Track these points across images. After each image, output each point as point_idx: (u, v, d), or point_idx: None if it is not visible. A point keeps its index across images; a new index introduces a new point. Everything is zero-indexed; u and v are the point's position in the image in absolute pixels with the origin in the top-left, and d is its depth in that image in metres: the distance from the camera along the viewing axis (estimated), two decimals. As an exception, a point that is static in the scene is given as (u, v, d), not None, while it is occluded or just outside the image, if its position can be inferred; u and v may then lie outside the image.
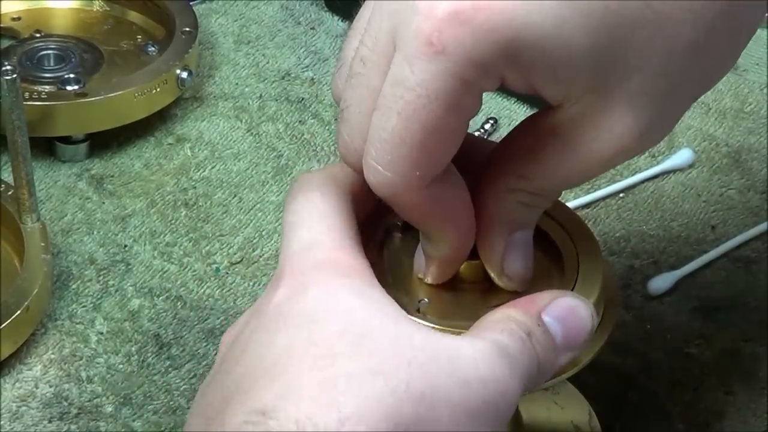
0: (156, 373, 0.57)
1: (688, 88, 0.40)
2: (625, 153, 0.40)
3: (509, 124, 0.72)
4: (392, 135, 0.39)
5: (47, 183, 0.67)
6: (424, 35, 0.37)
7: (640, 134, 0.40)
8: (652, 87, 0.39)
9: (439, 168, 0.40)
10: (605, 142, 0.40)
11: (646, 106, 0.39)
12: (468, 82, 0.38)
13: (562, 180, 0.42)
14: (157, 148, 0.70)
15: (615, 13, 0.38)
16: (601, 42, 0.38)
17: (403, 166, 0.39)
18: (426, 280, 0.44)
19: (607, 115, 0.39)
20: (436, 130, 0.38)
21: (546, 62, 0.38)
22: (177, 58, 0.71)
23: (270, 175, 0.69)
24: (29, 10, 0.78)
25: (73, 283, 0.61)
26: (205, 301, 0.61)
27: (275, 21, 0.81)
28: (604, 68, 0.38)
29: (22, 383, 0.56)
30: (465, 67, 0.37)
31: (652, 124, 0.40)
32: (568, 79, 0.39)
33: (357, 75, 0.40)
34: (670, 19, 0.38)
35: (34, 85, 0.69)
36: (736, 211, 0.67)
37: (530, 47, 0.37)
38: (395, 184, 0.39)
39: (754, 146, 0.72)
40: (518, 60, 0.38)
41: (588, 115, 0.39)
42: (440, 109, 0.38)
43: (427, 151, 0.39)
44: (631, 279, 0.62)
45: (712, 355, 0.59)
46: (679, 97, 0.40)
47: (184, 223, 0.65)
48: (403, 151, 0.39)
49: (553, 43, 0.38)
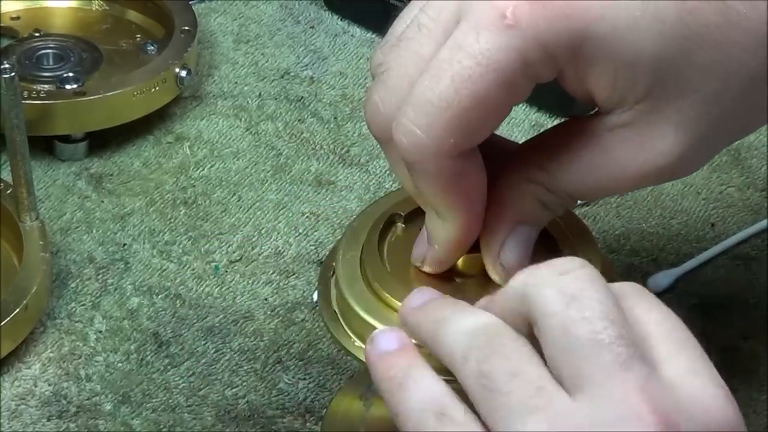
0: (155, 371, 0.57)
1: (734, 123, 0.40)
2: (658, 174, 0.40)
3: (509, 122, 0.72)
4: (439, 98, 0.39)
5: (46, 182, 0.67)
6: (500, 7, 0.38)
7: (680, 156, 0.39)
8: (704, 111, 0.39)
9: (472, 142, 0.40)
10: (644, 157, 0.40)
11: (693, 130, 0.39)
12: (529, 63, 0.38)
13: (586, 186, 0.41)
14: (156, 146, 0.70)
15: (685, 25, 0.37)
16: (667, 52, 0.38)
17: (440, 131, 0.39)
18: (423, 268, 0.45)
19: (654, 130, 0.39)
20: (483, 102, 0.39)
21: (610, 61, 0.38)
22: (176, 57, 0.71)
23: (269, 174, 0.69)
24: (28, 10, 0.78)
25: (72, 281, 0.61)
26: (204, 300, 0.61)
27: (274, 20, 0.81)
28: (664, 80, 0.38)
29: (20, 382, 0.56)
30: (532, 46, 0.38)
31: (693, 150, 0.40)
32: (626, 84, 0.39)
33: (407, 39, 0.40)
34: (738, 45, 0.38)
35: (33, 84, 0.69)
36: (735, 209, 0.67)
37: (599, 42, 0.38)
38: (427, 147, 0.39)
39: (754, 144, 0.71)
40: (584, 53, 0.38)
41: (636, 127, 0.39)
42: (495, 82, 0.38)
43: (467, 121, 0.39)
44: (631, 276, 0.62)
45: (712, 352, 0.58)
46: (723, 130, 0.40)
47: (183, 221, 0.65)
48: (446, 115, 0.39)
49: (622, 42, 0.38)
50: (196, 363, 0.57)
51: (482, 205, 0.42)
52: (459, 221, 0.42)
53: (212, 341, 0.58)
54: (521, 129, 0.72)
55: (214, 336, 0.58)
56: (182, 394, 0.56)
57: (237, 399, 0.56)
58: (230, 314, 0.60)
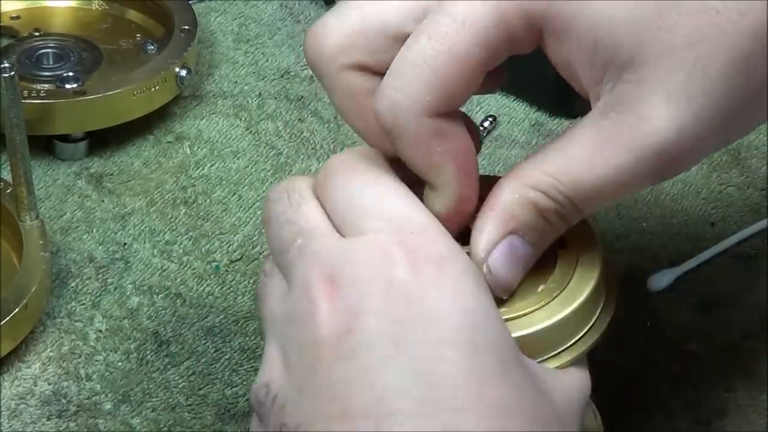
0: (155, 370, 0.57)
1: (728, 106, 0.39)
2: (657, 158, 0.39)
3: (509, 121, 0.72)
4: (416, 55, 0.39)
5: (46, 181, 0.67)
6: None
7: (676, 134, 0.38)
8: (692, 81, 0.38)
9: (448, 103, 0.40)
10: (640, 135, 0.39)
11: (684, 103, 0.38)
12: (507, 22, 0.39)
13: (587, 185, 0.40)
14: (157, 146, 0.70)
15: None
16: (642, 12, 0.38)
17: (416, 88, 0.39)
18: None
19: (645, 104, 0.38)
20: (461, 60, 0.39)
21: (587, 25, 0.38)
22: (176, 56, 0.71)
23: (269, 173, 0.69)
24: (28, 9, 0.78)
25: (72, 281, 0.61)
26: (204, 299, 0.61)
27: (274, 19, 0.81)
28: (644, 44, 0.38)
29: (20, 381, 0.56)
30: (511, 6, 0.39)
31: (688, 131, 0.38)
32: (607, 50, 0.38)
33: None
34: (719, 14, 0.37)
35: (33, 84, 0.69)
36: (735, 208, 0.67)
37: (575, 6, 0.38)
38: (402, 106, 0.40)
39: (754, 143, 0.71)
40: (562, 18, 0.38)
41: (627, 104, 0.39)
42: (472, 39, 0.39)
43: (444, 78, 0.39)
44: (631, 276, 0.62)
45: (712, 352, 0.59)
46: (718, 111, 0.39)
47: (184, 221, 0.65)
48: (422, 72, 0.39)
49: (596, 5, 0.38)
50: (197, 362, 0.57)
51: (472, 170, 0.42)
52: (449, 188, 0.41)
53: (212, 341, 0.58)
54: (521, 129, 0.72)
55: (215, 335, 0.58)
56: (182, 393, 0.56)
57: (237, 398, 0.56)
58: (231, 314, 0.60)
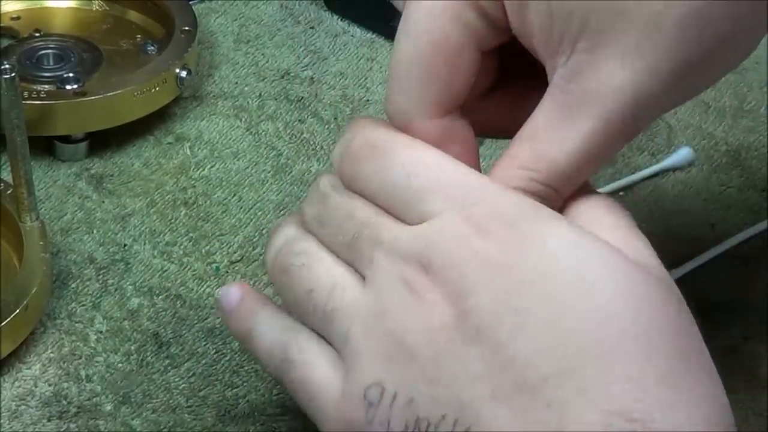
0: (155, 371, 0.57)
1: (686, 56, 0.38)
2: (620, 118, 0.39)
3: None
4: (403, 55, 0.40)
5: (46, 182, 0.67)
6: None
7: (634, 92, 0.38)
8: (645, 38, 0.38)
9: (451, 97, 0.40)
10: (600, 99, 0.39)
11: (639, 61, 0.38)
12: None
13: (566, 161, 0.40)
14: (157, 147, 0.70)
15: None
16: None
17: (416, 90, 0.40)
18: None
19: (601, 69, 0.38)
20: (444, 45, 0.39)
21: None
22: (176, 57, 0.71)
23: (270, 174, 0.69)
24: (28, 10, 0.78)
25: (72, 282, 0.61)
26: (204, 300, 0.61)
27: (275, 20, 0.81)
28: (596, 9, 0.38)
29: (21, 382, 0.56)
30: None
31: (646, 85, 0.38)
32: (561, 20, 0.38)
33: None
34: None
35: (34, 85, 0.69)
36: (735, 210, 0.67)
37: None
38: (408, 110, 0.40)
39: (754, 144, 0.71)
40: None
41: (585, 72, 0.39)
42: (448, 22, 0.39)
43: (436, 69, 0.39)
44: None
45: (712, 353, 0.59)
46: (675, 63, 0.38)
47: (184, 222, 0.65)
48: (414, 72, 0.39)
49: None
50: (197, 363, 0.57)
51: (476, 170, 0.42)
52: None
53: (213, 342, 0.58)
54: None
55: (215, 337, 0.58)
56: (183, 394, 0.56)
57: (237, 399, 0.56)
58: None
